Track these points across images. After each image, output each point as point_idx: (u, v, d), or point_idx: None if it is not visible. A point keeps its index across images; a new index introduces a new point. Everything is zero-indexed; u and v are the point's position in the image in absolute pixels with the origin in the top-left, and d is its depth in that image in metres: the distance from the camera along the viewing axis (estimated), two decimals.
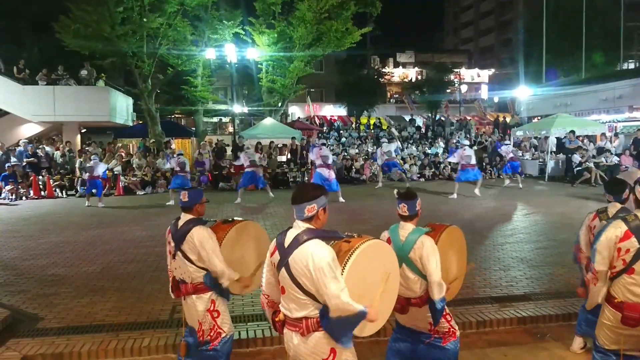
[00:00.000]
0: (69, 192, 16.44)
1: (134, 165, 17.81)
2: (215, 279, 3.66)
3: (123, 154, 19.12)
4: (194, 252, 3.64)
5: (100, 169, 14.13)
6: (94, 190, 14.15)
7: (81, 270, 7.30)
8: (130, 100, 24.29)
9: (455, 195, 14.07)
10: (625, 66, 33.65)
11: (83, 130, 23.10)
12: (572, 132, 18.50)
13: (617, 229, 3.21)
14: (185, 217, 3.77)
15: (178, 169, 13.81)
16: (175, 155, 14.53)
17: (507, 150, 17.23)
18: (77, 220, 11.77)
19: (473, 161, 14.25)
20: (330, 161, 13.26)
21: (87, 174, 14.07)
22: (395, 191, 3.67)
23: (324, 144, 14.79)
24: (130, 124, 24.41)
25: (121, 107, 22.39)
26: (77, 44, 19.49)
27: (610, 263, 3.24)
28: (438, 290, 3.37)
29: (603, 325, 3.39)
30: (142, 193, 16.72)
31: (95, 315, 5.43)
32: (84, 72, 20.71)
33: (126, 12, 19.90)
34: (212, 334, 3.74)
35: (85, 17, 18.90)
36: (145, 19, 19.89)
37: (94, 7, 18.78)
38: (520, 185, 16.23)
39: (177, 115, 35.47)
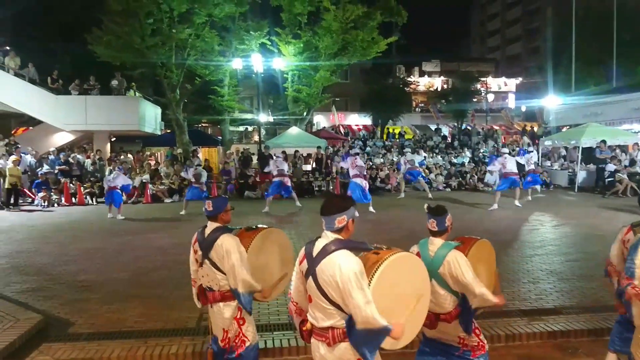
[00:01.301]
0: (99, 200, 16.77)
1: (161, 174, 18.11)
2: (235, 291, 3.66)
3: (151, 163, 19.46)
4: (221, 260, 3.67)
5: (120, 180, 13.66)
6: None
7: (111, 276, 7.43)
8: (158, 110, 24.76)
9: (496, 206, 13.59)
10: None
11: (113, 139, 23.63)
12: (604, 141, 18.11)
13: None
14: (211, 225, 3.80)
15: (193, 180, 13.94)
16: (193, 167, 14.64)
17: (529, 158, 16.27)
18: (106, 227, 12.01)
19: (515, 169, 13.98)
20: (365, 172, 13.25)
21: (107, 184, 13.73)
22: (426, 206, 3.65)
23: (357, 154, 14.72)
24: (159, 133, 24.87)
25: (150, 117, 22.84)
26: (108, 55, 20.00)
27: None
28: (482, 300, 3.36)
29: (639, 340, 3.30)
30: (170, 201, 16.97)
31: (125, 322, 5.52)
32: (114, 82, 21.24)
33: (156, 24, 20.36)
34: (237, 341, 3.77)
35: (117, 28, 19.41)
36: (174, 30, 20.30)
37: (125, 19, 19.28)
38: (540, 193, 16.07)
39: (203, 124, 35.96)
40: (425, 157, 20.30)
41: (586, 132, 18.87)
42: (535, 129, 33.19)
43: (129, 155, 20.18)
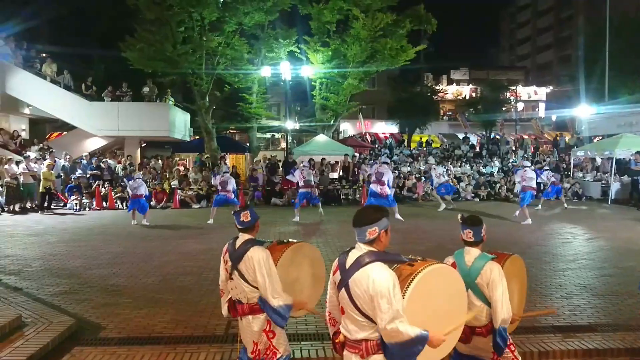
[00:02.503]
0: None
1: (190, 179, 18.34)
2: (266, 302, 3.62)
3: (180, 169, 19.73)
4: (251, 273, 3.64)
5: (144, 188, 13.53)
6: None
7: (140, 281, 7.54)
8: (188, 116, 25.13)
9: (529, 221, 13.08)
10: None
11: (143, 145, 24.07)
12: (638, 152, 17.61)
13: None
14: (243, 237, 3.77)
15: (220, 187, 13.76)
16: (221, 174, 14.55)
17: (548, 176, 16.40)
18: (136, 232, 12.21)
19: (533, 183, 13.73)
20: (384, 178, 13.13)
21: (131, 192, 13.61)
22: (460, 216, 3.60)
23: (385, 163, 14.64)
24: (188, 139, 25.23)
25: (179, 123, 23.19)
26: (140, 62, 20.43)
27: None
28: (502, 320, 3.28)
29: None
30: (198, 206, 17.16)
31: (154, 327, 5.57)
32: (146, 89, 21.67)
33: (187, 32, 20.74)
34: (267, 353, 3.74)
35: (149, 37, 19.84)
36: (204, 39, 20.62)
37: (158, 27, 19.70)
38: (566, 205, 15.94)
39: (231, 131, 36.34)
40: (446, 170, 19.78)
41: (620, 142, 18.41)
42: (567, 138, 32.52)
43: (159, 161, 20.49)
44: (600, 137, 25.35)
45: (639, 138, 19.95)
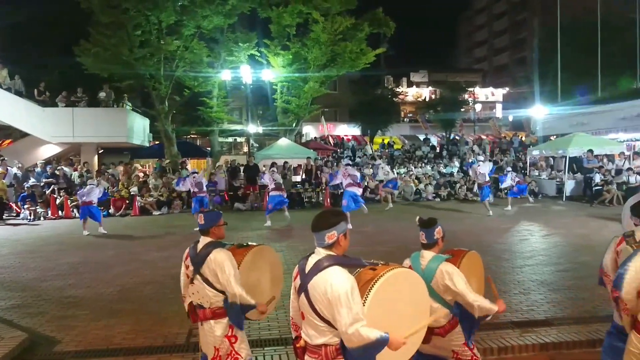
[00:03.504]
0: None
1: (150, 186, 17.96)
2: (235, 305, 3.62)
3: (140, 175, 19.31)
4: (213, 276, 3.61)
5: (95, 195, 12.99)
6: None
7: (99, 291, 7.32)
8: (147, 121, 24.65)
9: (490, 212, 14.39)
10: None
11: (100, 151, 23.45)
12: (590, 151, 18.30)
13: None
14: (204, 240, 3.73)
15: (196, 189, 13.42)
16: (189, 175, 14.18)
17: (512, 177, 16.90)
18: (94, 241, 11.86)
19: (487, 178, 14.15)
20: (359, 180, 13.17)
21: (81, 199, 12.97)
22: (417, 218, 3.63)
23: (348, 164, 14.65)
24: (147, 145, 24.74)
25: (138, 128, 22.72)
26: (96, 67, 19.93)
27: (638, 291, 3.15)
28: (483, 310, 3.39)
29: (631, 354, 3.28)
30: (158, 213, 16.82)
31: (113, 338, 5.42)
32: (102, 94, 21.12)
33: (144, 36, 20.35)
34: (229, 359, 3.69)
35: (105, 41, 19.36)
36: (162, 42, 20.28)
37: (113, 31, 19.24)
38: (531, 199, 16.23)
39: (192, 136, 35.87)
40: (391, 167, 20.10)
41: (573, 141, 19.04)
42: (523, 137, 33.49)
43: (118, 168, 19.98)
44: (555, 136, 26.25)
45: (591, 137, 20.75)
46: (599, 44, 28.29)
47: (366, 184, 19.35)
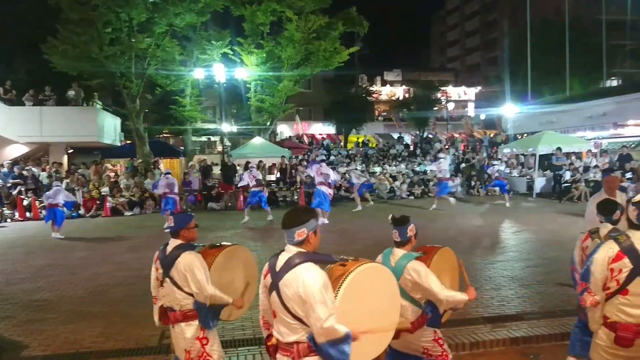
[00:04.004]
0: None
1: (121, 186, 17.66)
2: (203, 306, 3.58)
3: (111, 175, 18.97)
4: (182, 279, 3.57)
5: (61, 197, 12.67)
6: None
7: (68, 294, 7.17)
8: (118, 120, 24.22)
9: (435, 206, 15.32)
10: (608, 84, 34.32)
11: (70, 151, 22.94)
12: (559, 149, 18.71)
13: (609, 249, 3.20)
14: (173, 242, 3.69)
15: (167, 190, 13.37)
16: (162, 176, 14.15)
17: (494, 170, 17.31)
18: (63, 243, 11.61)
19: (447, 174, 14.47)
20: (330, 180, 13.13)
21: (47, 201, 12.57)
22: (390, 216, 3.66)
23: (323, 161, 14.67)
24: (118, 144, 24.33)
25: (109, 127, 22.32)
26: (64, 65, 19.45)
27: (604, 284, 3.23)
28: (452, 302, 3.46)
29: (597, 347, 3.36)
30: (130, 214, 16.56)
31: (83, 342, 5.31)
32: (71, 93, 20.66)
33: (114, 33, 19.95)
34: None
35: (73, 38, 18.90)
36: (133, 40, 19.93)
37: (83, 28, 18.79)
38: (507, 204, 16.20)
39: (165, 135, 35.38)
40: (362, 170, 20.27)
41: (542, 139, 19.45)
42: (495, 136, 34.03)
43: (86, 169, 19.56)
44: (525, 135, 26.77)
45: (559, 135, 21.23)
46: (567, 44, 28.99)
47: (340, 182, 19.43)
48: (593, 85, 32.10)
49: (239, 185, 15.79)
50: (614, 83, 35.92)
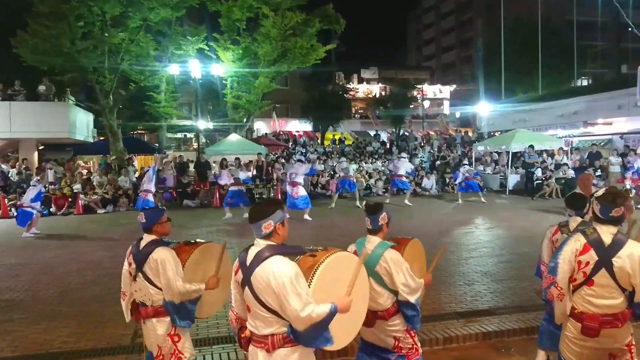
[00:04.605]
0: None
1: (94, 183, 17.35)
2: (170, 304, 3.55)
3: (83, 172, 18.62)
4: (155, 274, 3.55)
5: (29, 197, 12.20)
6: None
7: (38, 294, 7.02)
8: (91, 116, 23.74)
9: (388, 200, 16.21)
10: (579, 83, 35.10)
11: (41, 147, 22.43)
12: (531, 146, 19.05)
13: (577, 242, 3.29)
14: (147, 237, 3.67)
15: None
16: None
17: (464, 171, 17.30)
18: (33, 241, 11.36)
19: (400, 172, 15.36)
20: (297, 178, 13.23)
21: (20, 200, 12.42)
22: (364, 204, 3.74)
23: (300, 160, 14.85)
24: (91, 141, 23.85)
25: (81, 123, 21.86)
26: (35, 59, 19.00)
27: (571, 276, 3.31)
28: (413, 296, 3.49)
29: (565, 338, 3.44)
30: (103, 212, 16.27)
31: (53, 342, 5.21)
32: (42, 88, 20.12)
33: (87, 27, 19.55)
34: (172, 358, 3.63)
35: (44, 31, 18.47)
36: (106, 34, 19.56)
37: (54, 21, 18.37)
38: (483, 200, 16.58)
39: (140, 132, 34.90)
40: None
41: (515, 137, 19.76)
42: (470, 134, 34.49)
43: (57, 166, 19.16)
44: (499, 132, 27.18)
45: (532, 133, 21.62)
46: (540, 44, 29.52)
47: (317, 179, 19.48)
48: (564, 84, 32.77)
49: (218, 183, 15.69)
50: (585, 83, 36.73)
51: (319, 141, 35.85)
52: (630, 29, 22.42)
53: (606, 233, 3.22)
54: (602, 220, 3.26)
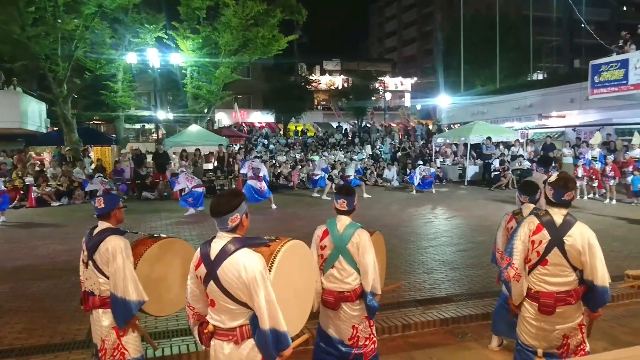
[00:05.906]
0: None
1: (48, 175, 16.76)
2: (112, 296, 3.39)
3: (36, 163, 17.95)
4: (105, 263, 3.41)
5: None
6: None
7: None
8: (43, 106, 22.87)
9: (316, 194, 15.99)
10: (534, 77, 36.13)
11: None
12: (489, 138, 19.51)
13: (531, 223, 3.44)
14: (102, 225, 3.53)
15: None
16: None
17: (419, 172, 17.47)
18: None
19: (261, 173, 14.21)
20: (261, 173, 13.35)
21: None
22: (334, 186, 3.81)
23: (257, 157, 14.81)
24: (44, 131, 23.00)
25: (33, 113, 21.04)
26: None
27: (526, 256, 3.43)
28: (372, 283, 3.56)
29: (522, 320, 3.56)
30: (58, 204, 15.75)
31: (4, 339, 5.02)
32: None
33: (38, 13, 18.70)
34: (115, 354, 3.45)
35: None
36: (59, 20, 18.79)
37: (2, 6, 17.52)
38: (433, 191, 17.15)
39: (96, 122, 33.87)
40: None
41: (473, 129, 20.21)
42: (430, 126, 35.03)
43: (7, 158, 18.38)
44: (458, 125, 27.73)
45: (490, 125, 22.14)
46: (497, 39, 30.21)
47: (280, 170, 19.42)
48: (521, 78, 33.69)
49: (175, 190, 15.24)
50: (540, 77, 37.84)
51: (281, 132, 35.68)
52: (582, 25, 23.18)
53: (558, 214, 3.38)
54: (554, 204, 3.42)
